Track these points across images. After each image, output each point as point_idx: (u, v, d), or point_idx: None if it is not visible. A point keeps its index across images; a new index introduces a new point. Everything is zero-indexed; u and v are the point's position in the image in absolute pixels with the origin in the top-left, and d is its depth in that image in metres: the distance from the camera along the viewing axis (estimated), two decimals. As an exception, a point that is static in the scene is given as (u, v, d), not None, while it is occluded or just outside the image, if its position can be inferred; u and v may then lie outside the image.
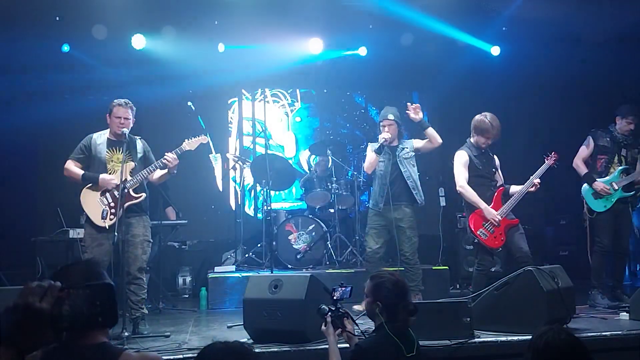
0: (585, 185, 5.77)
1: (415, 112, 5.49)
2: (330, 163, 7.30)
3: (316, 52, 7.78)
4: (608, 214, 5.66)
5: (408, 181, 5.58)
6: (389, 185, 5.56)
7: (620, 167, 5.72)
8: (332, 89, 8.54)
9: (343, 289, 3.27)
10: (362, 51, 7.90)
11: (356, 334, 3.28)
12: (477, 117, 5.37)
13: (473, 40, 7.66)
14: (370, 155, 5.65)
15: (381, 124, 5.69)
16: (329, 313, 3.24)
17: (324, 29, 7.58)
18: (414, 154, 5.68)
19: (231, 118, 8.49)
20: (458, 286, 6.96)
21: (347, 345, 3.20)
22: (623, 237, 5.74)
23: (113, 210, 4.67)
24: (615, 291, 5.67)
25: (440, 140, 5.59)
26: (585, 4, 6.64)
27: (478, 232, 5.21)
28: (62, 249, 5.76)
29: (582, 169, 5.80)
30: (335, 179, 7.23)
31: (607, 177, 5.73)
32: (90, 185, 4.76)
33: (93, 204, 4.73)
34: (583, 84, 7.49)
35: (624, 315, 4.88)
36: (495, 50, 7.59)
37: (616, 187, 5.67)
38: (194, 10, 6.96)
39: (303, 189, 7.56)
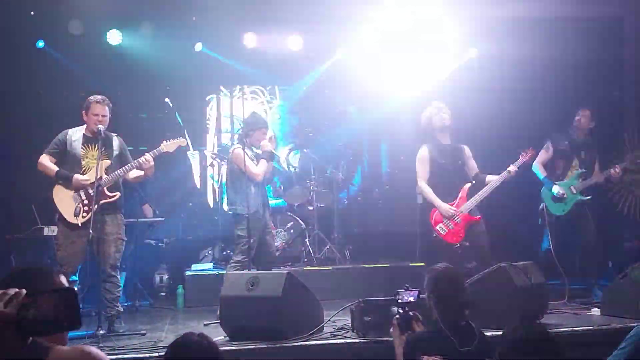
0: (544, 189, 5.80)
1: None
2: (308, 161, 7.31)
3: (296, 49, 7.75)
4: (567, 217, 5.72)
5: None
6: None
7: (578, 172, 5.74)
8: (310, 86, 8.52)
9: (408, 292, 3.17)
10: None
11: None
12: (425, 113, 5.41)
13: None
14: None
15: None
16: (397, 315, 3.18)
17: (304, 26, 7.56)
18: None
19: (209, 115, 8.44)
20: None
21: None
22: (587, 235, 5.73)
23: (86, 208, 4.64)
24: (593, 287, 5.68)
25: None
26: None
27: (437, 227, 5.29)
28: (36, 246, 5.69)
29: (542, 172, 5.80)
30: (314, 176, 7.25)
31: (566, 181, 5.76)
32: (62, 182, 4.71)
33: (66, 201, 4.69)
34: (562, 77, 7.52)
35: (596, 311, 4.99)
36: (473, 52, 7.60)
37: (574, 191, 5.70)
38: (171, 6, 6.90)
39: (282, 186, 7.55)
